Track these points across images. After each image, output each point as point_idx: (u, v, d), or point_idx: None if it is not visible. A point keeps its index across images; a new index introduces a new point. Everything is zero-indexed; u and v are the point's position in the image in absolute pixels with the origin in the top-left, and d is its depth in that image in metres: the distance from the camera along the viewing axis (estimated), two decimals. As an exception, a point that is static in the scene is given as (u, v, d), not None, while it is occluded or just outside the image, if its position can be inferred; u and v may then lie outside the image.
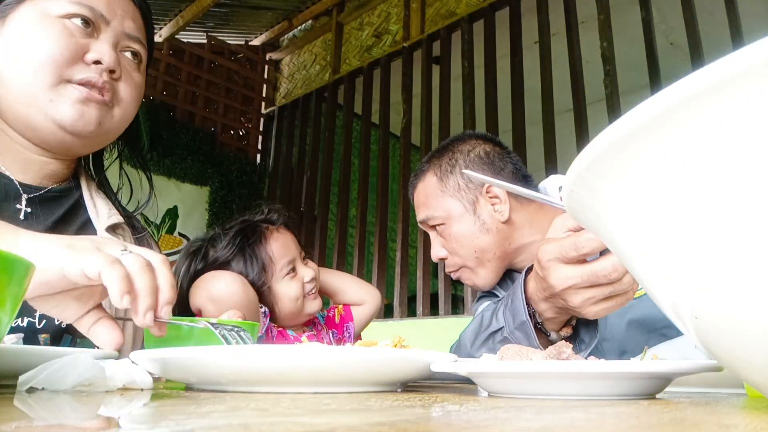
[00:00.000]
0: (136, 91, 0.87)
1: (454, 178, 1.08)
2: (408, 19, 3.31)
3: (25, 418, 0.26)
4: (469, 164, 1.08)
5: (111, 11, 0.82)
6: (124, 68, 0.85)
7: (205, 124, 3.76)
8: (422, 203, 1.11)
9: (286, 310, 1.13)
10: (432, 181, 1.10)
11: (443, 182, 1.08)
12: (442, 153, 1.13)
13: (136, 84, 0.87)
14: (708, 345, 0.27)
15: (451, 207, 1.06)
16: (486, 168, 1.07)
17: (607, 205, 0.26)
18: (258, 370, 0.43)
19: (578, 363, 0.41)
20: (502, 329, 0.80)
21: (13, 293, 0.39)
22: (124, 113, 0.86)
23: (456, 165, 1.09)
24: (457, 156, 1.10)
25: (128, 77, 0.86)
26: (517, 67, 2.76)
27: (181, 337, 0.64)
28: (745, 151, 0.20)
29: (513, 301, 0.78)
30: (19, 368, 0.38)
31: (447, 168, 1.09)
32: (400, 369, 0.48)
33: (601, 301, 0.67)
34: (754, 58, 0.18)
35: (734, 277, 0.22)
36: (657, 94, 0.20)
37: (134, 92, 0.87)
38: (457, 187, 1.07)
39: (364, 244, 3.22)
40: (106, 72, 0.80)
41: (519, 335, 0.77)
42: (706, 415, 0.28)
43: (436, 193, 1.09)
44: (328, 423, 0.23)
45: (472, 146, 1.11)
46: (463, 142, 1.13)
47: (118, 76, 0.83)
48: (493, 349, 0.81)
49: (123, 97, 0.85)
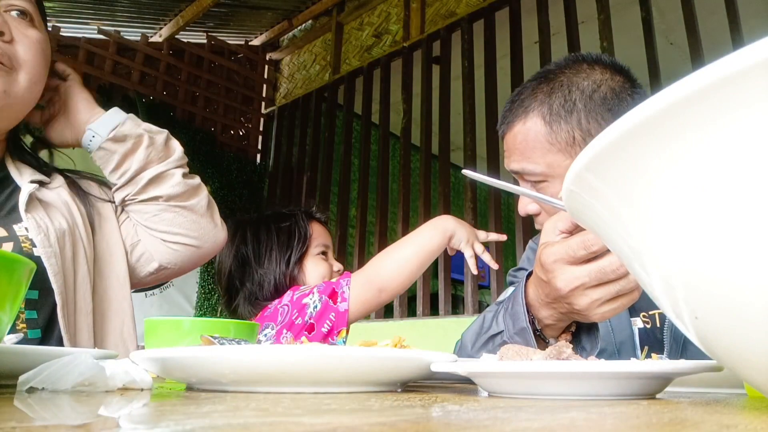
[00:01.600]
0: (37, 49, 0.82)
1: (567, 128, 0.83)
2: (408, 19, 3.31)
3: (25, 418, 0.26)
4: (592, 111, 0.82)
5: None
6: (14, 29, 0.80)
7: (205, 124, 3.76)
8: (519, 150, 0.87)
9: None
10: (537, 126, 0.84)
11: (553, 132, 0.83)
12: (552, 86, 0.85)
13: (33, 41, 0.81)
14: (708, 345, 0.27)
15: (558, 164, 0.83)
16: (610, 116, 0.82)
17: (607, 205, 0.26)
18: (258, 370, 0.43)
19: (578, 363, 0.41)
20: (502, 333, 0.79)
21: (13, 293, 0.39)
22: (30, 76, 0.81)
23: (573, 110, 0.83)
24: (575, 96, 0.83)
25: (23, 37, 0.80)
26: (517, 67, 2.75)
27: (181, 337, 0.64)
28: (745, 150, 0.20)
29: (513, 306, 0.77)
30: (19, 368, 0.38)
31: (560, 112, 0.83)
32: (400, 369, 0.48)
33: (607, 302, 0.65)
34: (754, 58, 0.18)
35: (734, 277, 0.22)
36: (657, 94, 0.20)
37: (34, 50, 0.81)
38: (570, 140, 0.82)
39: (364, 244, 3.22)
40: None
41: (518, 341, 0.76)
42: (706, 415, 0.28)
43: (542, 145, 0.84)
44: (328, 423, 0.23)
45: (596, 81, 0.84)
46: (581, 72, 0.85)
47: (9, 38, 0.78)
48: (493, 352, 0.81)
49: (23, 58, 0.80)
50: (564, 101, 0.83)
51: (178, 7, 3.35)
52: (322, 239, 1.29)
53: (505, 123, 0.91)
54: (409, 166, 3.11)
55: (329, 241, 1.33)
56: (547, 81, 0.86)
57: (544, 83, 0.87)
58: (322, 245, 1.29)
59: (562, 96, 0.84)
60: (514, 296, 0.78)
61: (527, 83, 0.90)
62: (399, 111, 3.20)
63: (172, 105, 3.60)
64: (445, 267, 2.78)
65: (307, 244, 1.26)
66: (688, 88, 0.19)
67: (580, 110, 0.82)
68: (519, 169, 0.87)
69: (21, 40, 0.80)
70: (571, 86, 0.84)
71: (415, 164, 3.24)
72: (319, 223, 1.33)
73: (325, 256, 1.30)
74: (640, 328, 0.84)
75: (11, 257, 0.38)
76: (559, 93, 0.84)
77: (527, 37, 2.80)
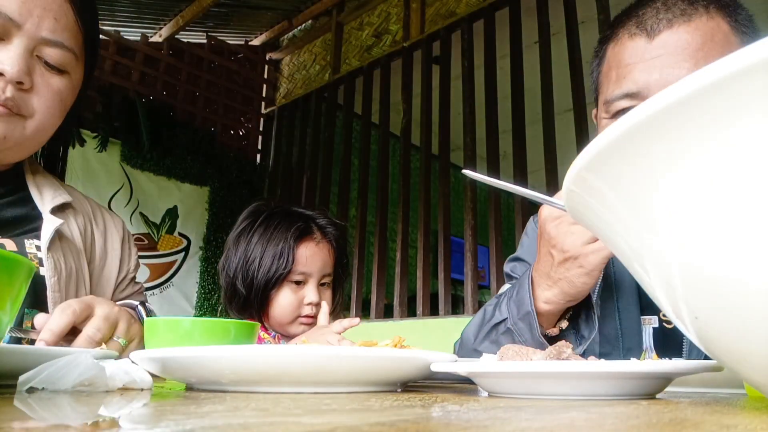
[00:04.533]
0: (54, 99, 0.78)
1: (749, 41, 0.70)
2: (408, 19, 3.31)
3: (25, 418, 0.26)
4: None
5: (25, 12, 0.71)
6: (40, 76, 0.76)
7: (205, 124, 3.76)
8: (694, 49, 0.70)
9: (276, 315, 1.14)
10: (723, 28, 0.71)
11: (739, 38, 0.71)
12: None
13: (53, 91, 0.78)
14: (708, 345, 0.27)
15: None
16: None
17: (607, 205, 0.26)
18: (258, 370, 0.43)
19: (578, 363, 0.41)
20: (506, 320, 0.79)
21: (13, 293, 0.39)
22: (38, 125, 0.77)
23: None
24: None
25: (44, 86, 0.76)
26: (517, 67, 2.76)
27: (181, 338, 0.64)
28: (745, 150, 0.20)
29: (519, 292, 0.78)
30: (19, 368, 0.38)
31: (745, 22, 0.73)
32: (400, 369, 0.48)
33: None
34: (754, 58, 0.18)
35: (734, 277, 0.22)
36: (656, 94, 0.20)
37: (51, 101, 0.78)
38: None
39: (364, 244, 3.22)
40: (11, 86, 0.72)
41: (522, 326, 0.76)
42: (706, 415, 0.28)
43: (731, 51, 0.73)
44: (328, 423, 0.23)
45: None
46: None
47: (29, 87, 0.74)
48: (496, 341, 0.80)
49: (36, 108, 0.76)
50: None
51: (178, 7, 3.35)
52: (304, 266, 1.14)
53: (681, 13, 0.72)
54: (409, 166, 3.10)
55: (314, 268, 1.15)
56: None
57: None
58: (300, 273, 1.13)
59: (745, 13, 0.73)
60: (520, 283, 0.79)
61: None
62: (399, 111, 3.20)
63: (172, 105, 3.61)
64: (444, 267, 2.79)
65: (287, 271, 1.12)
66: (688, 88, 0.19)
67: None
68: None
69: (39, 90, 0.76)
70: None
71: (415, 164, 3.24)
72: (316, 242, 1.17)
73: (302, 284, 1.15)
74: (655, 328, 0.82)
75: (11, 257, 0.38)
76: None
77: (527, 37, 2.80)
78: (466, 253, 2.70)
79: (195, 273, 3.47)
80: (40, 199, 0.86)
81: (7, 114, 0.73)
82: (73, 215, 0.90)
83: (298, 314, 1.14)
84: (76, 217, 0.91)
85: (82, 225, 0.91)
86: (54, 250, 0.83)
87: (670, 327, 0.82)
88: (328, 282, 1.21)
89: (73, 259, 0.86)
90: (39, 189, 0.87)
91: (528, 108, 2.71)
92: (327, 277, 1.20)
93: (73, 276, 0.85)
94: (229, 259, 1.16)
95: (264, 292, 1.11)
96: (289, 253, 1.12)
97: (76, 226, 0.90)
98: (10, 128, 0.74)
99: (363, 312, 3.12)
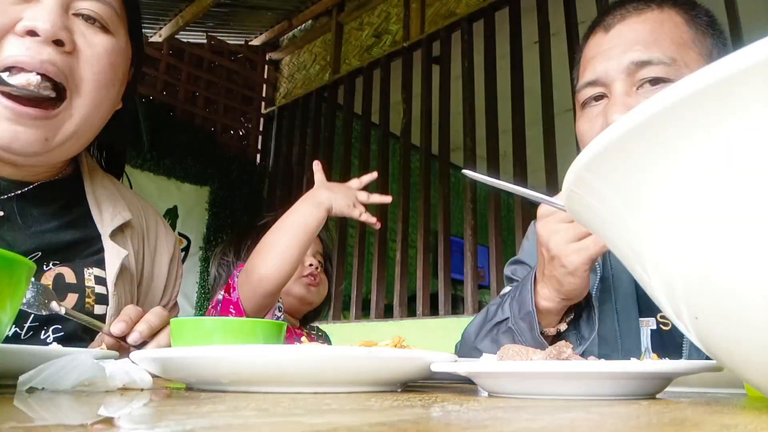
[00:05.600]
0: (104, 63, 0.65)
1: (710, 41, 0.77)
2: (408, 19, 3.31)
3: (25, 418, 0.26)
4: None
5: None
6: (81, 36, 0.63)
7: (205, 124, 3.76)
8: (645, 35, 0.75)
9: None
10: (675, 19, 0.76)
11: (693, 31, 0.76)
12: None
13: (101, 53, 0.64)
14: (708, 345, 0.27)
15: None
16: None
17: (608, 205, 0.26)
18: (258, 370, 0.43)
19: (578, 363, 0.41)
20: (507, 320, 0.80)
21: (13, 293, 0.39)
22: (87, 101, 0.64)
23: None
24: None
25: (89, 47, 0.64)
26: (517, 67, 2.76)
27: (203, 337, 0.63)
28: (745, 150, 0.20)
29: (521, 292, 0.78)
30: (19, 368, 0.38)
31: (704, 19, 0.78)
32: (400, 369, 0.48)
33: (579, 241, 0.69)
34: (754, 58, 0.18)
35: (734, 277, 0.22)
36: (656, 94, 0.20)
37: (100, 65, 0.64)
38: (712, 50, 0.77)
39: (364, 244, 3.22)
40: (48, 47, 0.59)
41: (523, 326, 0.76)
42: (706, 415, 0.28)
43: (683, 40, 0.75)
44: (328, 423, 0.23)
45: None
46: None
47: (71, 49, 0.62)
48: (496, 340, 0.81)
49: (83, 75, 0.63)
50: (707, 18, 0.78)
51: (178, 7, 3.35)
52: None
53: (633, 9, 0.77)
54: (408, 166, 3.10)
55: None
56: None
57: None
58: None
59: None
60: (523, 283, 0.79)
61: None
62: (399, 111, 3.20)
63: (172, 105, 3.60)
64: (444, 267, 2.79)
65: None
66: (688, 88, 0.19)
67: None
68: (647, 58, 0.73)
69: (84, 52, 0.63)
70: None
71: (415, 164, 3.24)
72: None
73: None
74: (653, 330, 0.83)
75: (11, 257, 0.38)
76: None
77: (527, 37, 2.79)
78: (466, 253, 2.70)
79: (195, 273, 3.47)
80: (99, 217, 0.76)
81: (38, 116, 0.62)
82: (130, 234, 0.81)
83: (302, 273, 1.22)
84: (132, 237, 0.81)
85: (136, 245, 0.82)
86: (118, 286, 0.74)
87: (666, 329, 0.83)
88: (321, 265, 1.31)
89: (130, 290, 0.79)
90: (98, 203, 0.77)
91: (528, 108, 2.71)
92: (320, 257, 1.30)
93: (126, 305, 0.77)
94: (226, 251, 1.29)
95: None
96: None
97: (132, 248, 0.81)
98: (49, 127, 0.63)
99: (363, 312, 3.12)
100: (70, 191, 0.76)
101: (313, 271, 1.24)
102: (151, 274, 0.86)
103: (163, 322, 0.67)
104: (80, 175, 0.79)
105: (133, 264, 0.81)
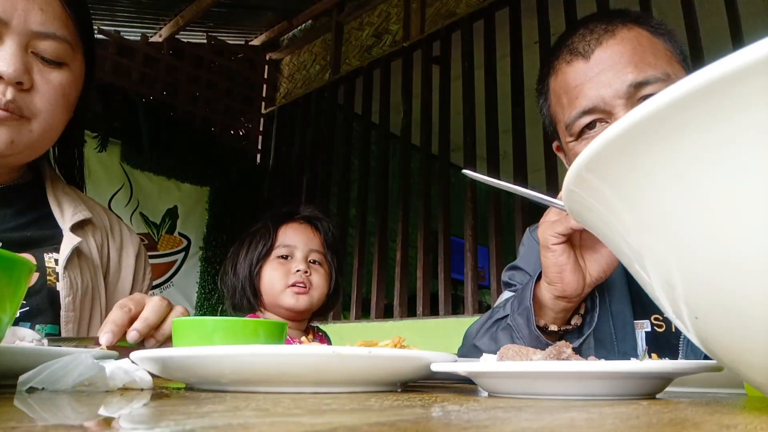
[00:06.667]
0: (57, 95, 0.75)
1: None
2: (408, 19, 3.31)
3: (25, 418, 0.26)
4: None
5: (9, 8, 0.68)
6: (38, 73, 0.73)
7: (205, 124, 3.76)
8: (629, 55, 0.76)
9: (267, 289, 1.22)
10: (644, 34, 0.78)
11: (662, 40, 0.79)
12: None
13: (54, 87, 0.75)
14: (708, 345, 0.27)
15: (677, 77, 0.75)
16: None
17: (608, 205, 0.26)
18: (258, 370, 0.43)
19: (578, 363, 0.41)
20: (507, 317, 0.81)
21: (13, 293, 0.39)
22: (44, 125, 0.75)
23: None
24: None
25: (44, 83, 0.74)
26: (517, 67, 2.75)
27: (204, 337, 0.63)
28: (745, 150, 0.20)
29: (523, 290, 0.80)
30: (19, 368, 0.38)
31: (660, 26, 0.81)
32: (400, 369, 0.48)
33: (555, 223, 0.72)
34: (754, 58, 0.18)
35: (734, 277, 0.22)
36: (656, 94, 0.20)
37: (54, 98, 0.75)
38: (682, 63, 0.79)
39: (364, 244, 3.22)
40: (11, 88, 0.70)
41: (520, 321, 0.77)
42: (706, 415, 0.28)
43: (661, 52, 0.77)
44: (328, 423, 0.23)
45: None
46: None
47: (29, 87, 0.72)
48: (495, 337, 0.82)
49: (40, 108, 0.73)
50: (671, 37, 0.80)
51: (178, 7, 3.35)
52: (287, 240, 1.24)
53: (606, 32, 0.78)
54: (408, 166, 3.10)
55: (298, 241, 1.25)
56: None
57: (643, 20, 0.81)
58: (284, 247, 1.24)
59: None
60: (527, 282, 0.81)
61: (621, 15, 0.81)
62: (399, 111, 3.20)
63: (172, 105, 3.60)
64: (445, 267, 2.78)
65: (268, 248, 1.23)
66: (688, 88, 0.19)
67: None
68: (643, 79, 0.74)
69: (40, 88, 0.73)
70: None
71: (415, 164, 3.24)
72: (298, 222, 1.28)
73: (286, 258, 1.24)
74: (647, 332, 0.83)
75: (11, 257, 0.38)
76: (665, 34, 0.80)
77: (527, 37, 2.79)
78: (466, 253, 2.70)
79: (195, 273, 3.47)
80: (60, 216, 0.85)
81: (11, 118, 0.70)
82: (91, 231, 0.90)
83: (288, 283, 1.20)
84: (94, 233, 0.90)
85: (99, 240, 0.91)
86: (71, 268, 0.82)
87: (661, 330, 0.83)
88: (319, 260, 1.26)
89: (90, 276, 0.86)
90: (59, 204, 0.86)
91: (528, 108, 2.70)
92: (316, 254, 1.26)
93: (89, 293, 0.85)
94: (226, 265, 1.30)
95: (252, 269, 1.22)
96: (269, 232, 1.25)
97: (94, 242, 0.89)
98: (16, 132, 0.72)
99: (363, 312, 3.12)
100: (33, 194, 0.85)
101: (301, 278, 1.19)
102: (118, 266, 0.94)
103: (160, 316, 0.69)
104: (41, 181, 0.88)
105: (95, 255, 0.88)
